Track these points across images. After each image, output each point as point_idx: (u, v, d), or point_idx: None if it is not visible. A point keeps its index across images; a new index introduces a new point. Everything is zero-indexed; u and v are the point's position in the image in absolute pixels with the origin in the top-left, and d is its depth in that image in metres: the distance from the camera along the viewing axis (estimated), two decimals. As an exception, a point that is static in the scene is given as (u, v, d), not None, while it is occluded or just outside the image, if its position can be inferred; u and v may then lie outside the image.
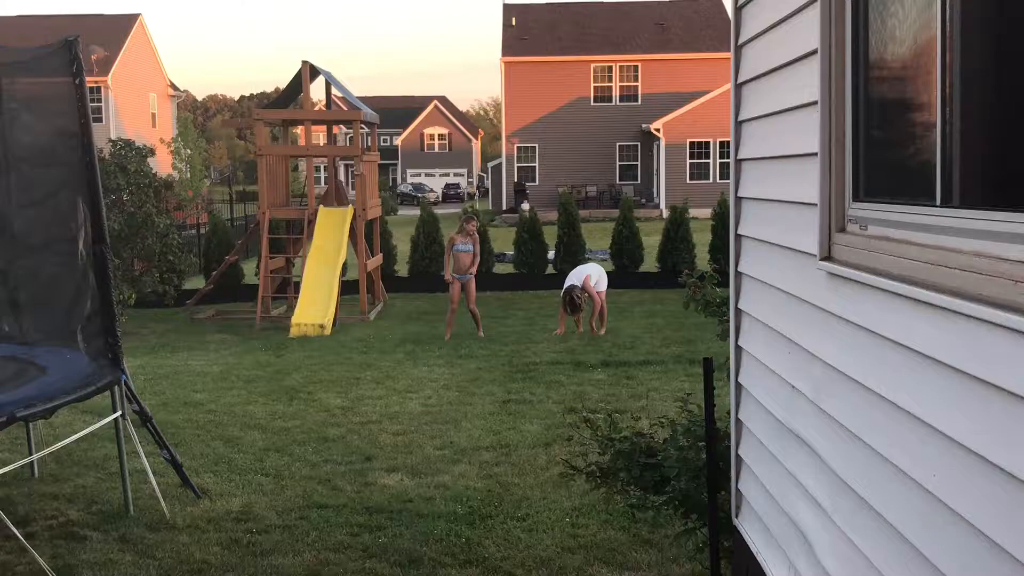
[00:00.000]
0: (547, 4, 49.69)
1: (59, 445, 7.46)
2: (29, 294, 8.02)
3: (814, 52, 3.39)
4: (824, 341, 3.44)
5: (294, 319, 16.35)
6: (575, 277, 15.08)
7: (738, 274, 4.79)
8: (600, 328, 14.97)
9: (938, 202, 2.56)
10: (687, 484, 5.37)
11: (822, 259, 3.35)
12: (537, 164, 45.97)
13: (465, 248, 14.98)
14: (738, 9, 4.65)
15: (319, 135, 27.56)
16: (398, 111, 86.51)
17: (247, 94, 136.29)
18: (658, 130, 41.97)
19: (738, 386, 4.84)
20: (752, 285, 4.58)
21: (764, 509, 4.37)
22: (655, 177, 44.15)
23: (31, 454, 7.80)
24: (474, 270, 15.22)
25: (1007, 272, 2.17)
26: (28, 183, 8.01)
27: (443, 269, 15.51)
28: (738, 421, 4.86)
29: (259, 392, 11.42)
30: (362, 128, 19.64)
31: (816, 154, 3.37)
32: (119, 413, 7.18)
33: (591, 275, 15.02)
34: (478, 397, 10.85)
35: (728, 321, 5.13)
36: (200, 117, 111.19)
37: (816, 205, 3.38)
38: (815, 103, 3.38)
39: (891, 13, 2.95)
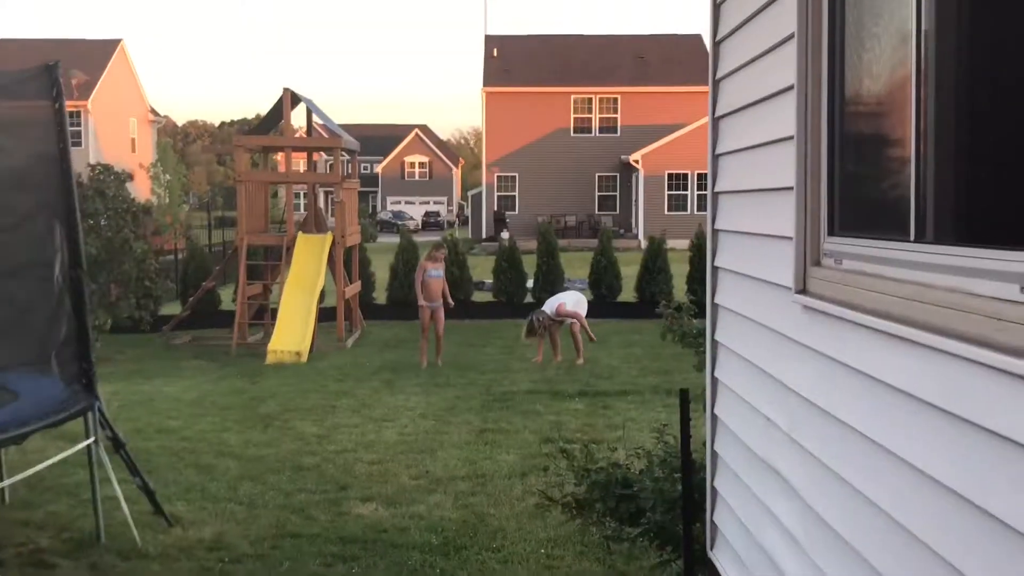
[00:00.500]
0: (528, 36, 50.02)
1: (31, 471, 7.37)
2: (3, 318, 7.94)
3: (790, 88, 3.42)
4: (799, 374, 3.46)
5: (270, 346, 16.28)
6: (549, 305, 15.17)
7: (714, 306, 4.81)
8: (578, 357, 14.97)
9: (912, 237, 2.59)
10: (663, 516, 5.37)
11: (797, 292, 3.37)
12: (517, 193, 46.09)
13: (437, 275, 15.01)
14: (716, 44, 4.69)
15: (299, 162, 27.52)
16: (379, 139, 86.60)
17: (228, 120, 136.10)
18: (637, 161, 42.19)
19: (714, 417, 4.85)
20: (728, 317, 4.60)
21: (739, 541, 4.37)
22: (634, 208, 44.34)
23: (2, 480, 7.71)
24: (451, 301, 15.38)
25: (980, 308, 2.19)
26: (5, 207, 7.95)
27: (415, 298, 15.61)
28: (714, 452, 4.86)
29: (234, 419, 11.34)
30: (343, 155, 19.67)
31: (792, 188, 3.40)
32: (92, 439, 7.11)
33: (566, 302, 15.08)
34: (455, 426, 10.81)
35: (705, 352, 5.14)
36: (180, 143, 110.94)
37: (792, 239, 3.40)
38: (791, 138, 3.41)
39: (867, 49, 2.99)
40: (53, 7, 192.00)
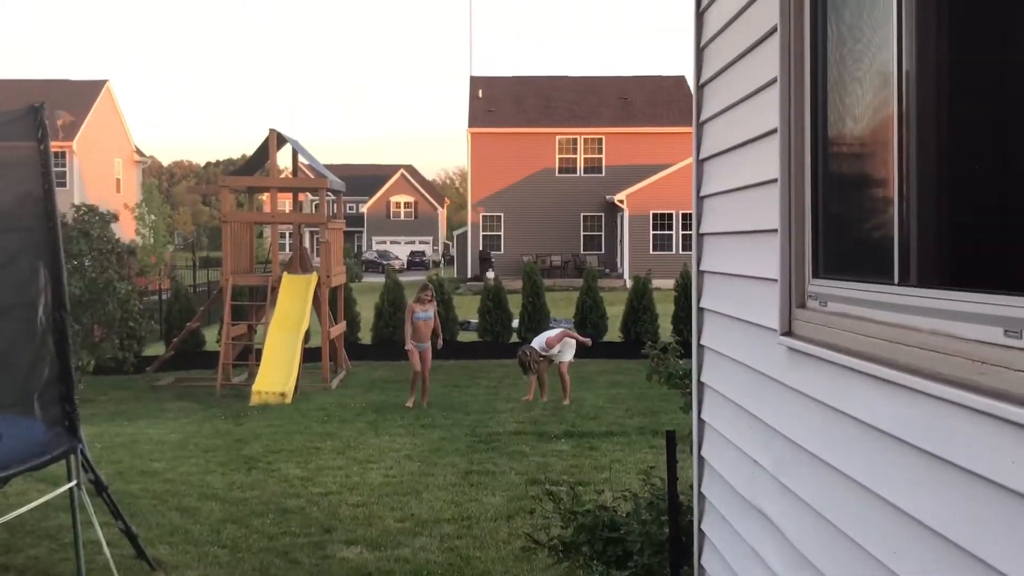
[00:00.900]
0: (514, 77, 50.38)
1: (12, 515, 7.30)
2: (-15, 360, 7.89)
3: (774, 131, 3.45)
4: (785, 416, 3.45)
5: (255, 387, 16.19)
6: (536, 341, 15.24)
7: (700, 347, 4.81)
8: (564, 397, 14.95)
9: (896, 280, 2.60)
10: (650, 559, 5.34)
11: (783, 334, 3.37)
12: (502, 233, 46.21)
13: (426, 316, 14.99)
14: (700, 87, 4.73)
15: (285, 202, 27.54)
16: (365, 179, 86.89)
17: (213, 160, 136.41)
18: (622, 201, 42.40)
19: (701, 459, 4.83)
20: (714, 358, 4.60)
21: (726, 585, 4.34)
22: (619, 247, 44.49)
23: (-18, 524, 7.62)
24: (439, 343, 15.42)
25: (964, 351, 2.20)
26: (-12, 248, 7.92)
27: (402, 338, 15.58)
28: (701, 495, 4.84)
29: (218, 461, 11.26)
30: (328, 196, 19.68)
31: (776, 230, 3.41)
32: (74, 482, 7.05)
33: (551, 337, 15.18)
34: (440, 468, 10.76)
35: (691, 393, 5.14)
36: (165, 183, 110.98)
37: (776, 281, 3.41)
38: (775, 180, 3.43)
39: (849, 92, 3.02)
40: (39, 48, 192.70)
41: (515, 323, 20.82)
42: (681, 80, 49.07)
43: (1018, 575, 1.95)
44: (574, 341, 15.48)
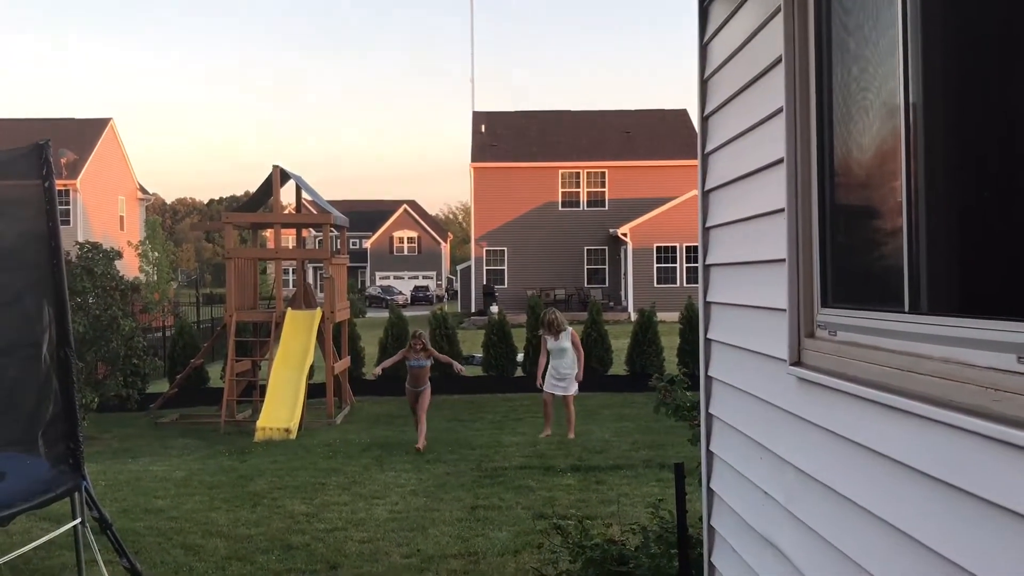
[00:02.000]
0: (516, 112, 50.68)
1: (16, 553, 7.25)
2: (-10, 398, 7.87)
3: (780, 161, 3.45)
4: (796, 447, 3.43)
5: (259, 423, 16.14)
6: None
7: (708, 378, 4.79)
8: (569, 431, 14.89)
9: (906, 308, 2.59)
10: (659, 593, 5.29)
11: (792, 364, 3.36)
12: (506, 267, 46.26)
13: (418, 364, 14.79)
14: (704, 119, 4.74)
15: (288, 238, 27.64)
16: (368, 214, 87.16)
17: (216, 197, 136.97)
18: (625, 234, 42.47)
19: (710, 492, 4.80)
20: (722, 389, 4.58)
21: (738, 618, 4.30)
22: (623, 280, 44.51)
23: (-14, 563, 7.57)
24: (457, 367, 15.29)
25: (976, 378, 2.19)
26: (-7, 285, 7.93)
27: (405, 374, 15.46)
28: (711, 528, 4.81)
29: (222, 498, 11.20)
30: (331, 231, 19.73)
31: (784, 260, 3.41)
32: (79, 520, 7.01)
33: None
34: (446, 503, 10.69)
35: (699, 425, 5.11)
36: (169, 220, 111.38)
37: (785, 311, 3.40)
38: (782, 210, 3.43)
39: (856, 121, 3.02)
40: (42, 88, 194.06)
41: (519, 357, 20.79)
42: (683, 113, 49.30)
43: (1037, 605, 1.93)
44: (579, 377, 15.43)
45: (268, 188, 19.81)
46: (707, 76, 4.68)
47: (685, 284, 40.88)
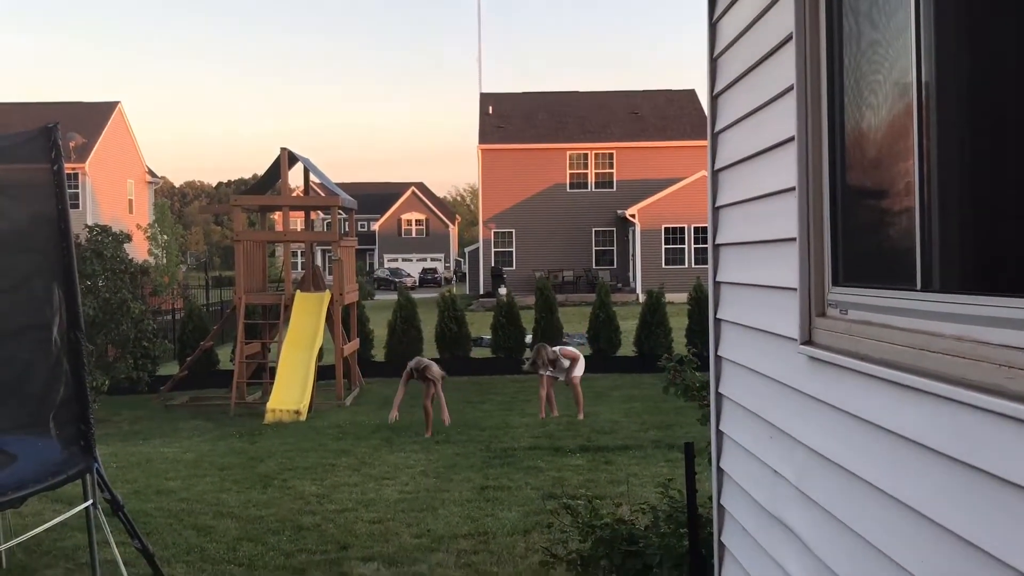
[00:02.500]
0: (524, 93, 50.50)
1: (28, 535, 7.29)
2: (1, 380, 7.90)
3: (791, 139, 3.43)
4: (806, 426, 3.42)
5: (269, 405, 16.19)
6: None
7: (718, 358, 4.78)
8: (579, 412, 14.91)
9: (918, 286, 2.57)
10: (670, 572, 5.30)
11: (803, 343, 3.35)
12: (514, 249, 46.22)
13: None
14: (714, 97, 4.71)
15: (297, 221, 27.63)
16: (376, 197, 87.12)
17: (225, 180, 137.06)
18: (633, 216, 42.38)
19: (720, 471, 4.80)
20: (732, 369, 4.57)
21: (748, 597, 4.30)
22: (631, 262, 44.45)
23: (-1, 545, 7.62)
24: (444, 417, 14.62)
25: (989, 356, 2.17)
26: (3, 269, 7.95)
27: (417, 354, 15.44)
28: (720, 507, 4.81)
29: (233, 479, 11.25)
30: (340, 214, 19.73)
31: (795, 239, 3.39)
32: (90, 502, 7.04)
33: (566, 351, 15.30)
34: (455, 483, 10.72)
35: (708, 405, 5.11)
36: (177, 203, 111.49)
37: (795, 290, 3.38)
38: (793, 189, 3.41)
39: (867, 98, 3.00)
40: (50, 71, 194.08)
41: (528, 339, 20.80)
42: (691, 93, 49.11)
43: (1051, 582, 1.92)
44: (583, 359, 15.50)
45: (276, 171, 19.80)
46: (717, 55, 4.65)
47: (693, 265, 40.81)
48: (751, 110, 4.04)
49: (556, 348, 15.47)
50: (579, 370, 15.20)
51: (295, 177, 21.80)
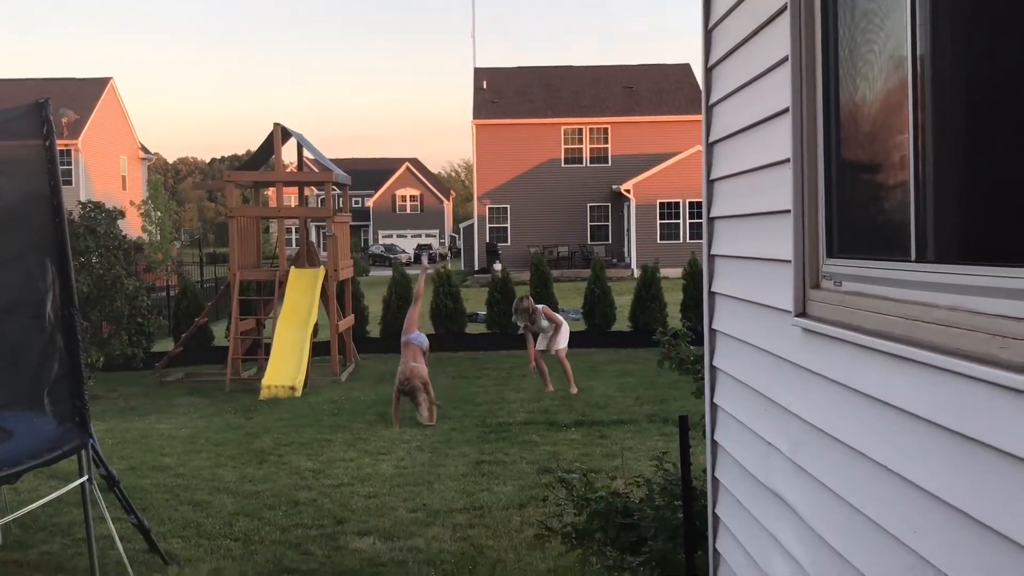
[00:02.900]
0: (518, 68, 50.32)
1: (24, 511, 7.31)
2: (-4, 357, 7.89)
3: (785, 111, 3.42)
4: (800, 398, 3.43)
5: (264, 381, 16.19)
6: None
7: (712, 331, 4.79)
8: (570, 386, 14.93)
9: (913, 257, 2.57)
10: (664, 544, 5.32)
11: (797, 315, 3.35)
12: (509, 225, 46.17)
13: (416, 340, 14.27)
14: (708, 70, 4.70)
15: (291, 197, 27.57)
16: (370, 172, 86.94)
17: (218, 156, 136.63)
18: (628, 191, 42.33)
19: (714, 444, 4.81)
20: (726, 342, 4.58)
21: (742, 569, 4.33)
22: (626, 237, 44.43)
23: (-5, 521, 7.63)
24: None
25: (984, 326, 2.18)
26: (-4, 245, 7.92)
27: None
28: (714, 479, 4.83)
29: (228, 455, 11.26)
30: (334, 190, 19.67)
31: (789, 211, 3.39)
32: (86, 478, 7.05)
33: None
34: (451, 458, 10.75)
35: (702, 379, 5.12)
36: (171, 180, 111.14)
37: (790, 262, 3.38)
38: (787, 160, 3.40)
39: (862, 69, 2.99)
40: (42, 47, 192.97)
41: (523, 314, 20.81)
42: (686, 68, 48.95)
43: (1043, 550, 1.93)
44: (567, 327, 15.42)
45: (269, 146, 19.72)
46: (711, 26, 4.63)
47: (688, 240, 40.82)
48: (746, 82, 4.03)
49: (540, 306, 15.41)
50: (563, 340, 15.15)
51: (289, 153, 21.70)
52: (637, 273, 23.35)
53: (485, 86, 48.03)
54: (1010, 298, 2.08)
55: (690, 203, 41.47)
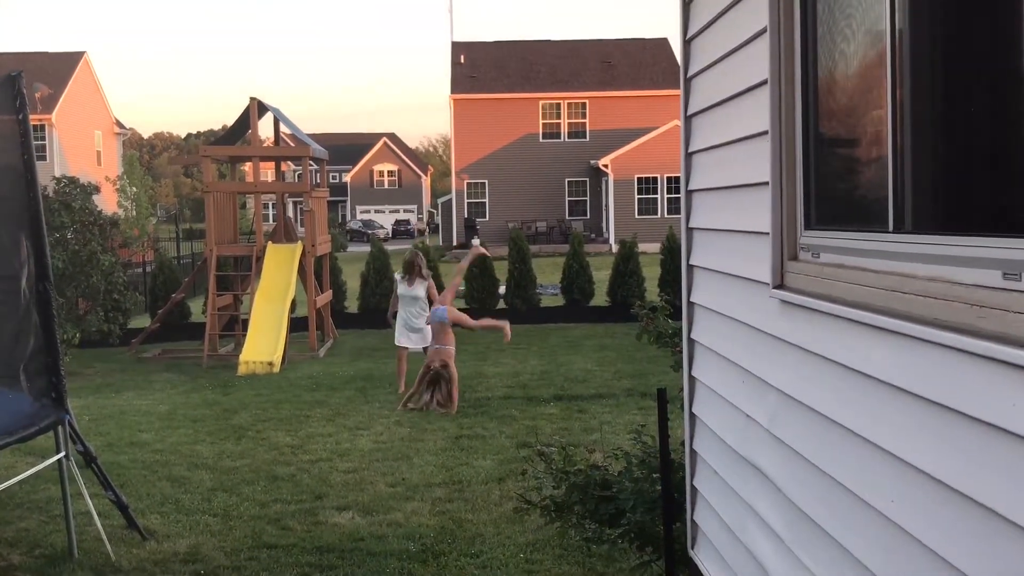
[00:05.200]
0: (495, 42, 50.11)
1: (0, 487, 7.26)
2: (-30, 333, 7.82)
3: (764, 83, 3.41)
4: (778, 369, 3.44)
5: (242, 357, 16.14)
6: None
7: (690, 304, 4.80)
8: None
9: (891, 228, 2.58)
10: (643, 516, 5.34)
11: (775, 287, 3.36)
12: (487, 200, 46.10)
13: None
14: (687, 42, 4.68)
15: (268, 172, 27.44)
16: (348, 148, 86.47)
17: (194, 132, 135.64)
18: (606, 166, 42.31)
19: (692, 416, 4.83)
20: (705, 315, 4.59)
21: (720, 540, 4.35)
22: (604, 212, 44.45)
23: (-29, 498, 7.59)
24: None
25: (962, 296, 2.18)
26: (-31, 220, 7.84)
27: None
28: (693, 451, 4.85)
29: (207, 431, 11.23)
30: (311, 164, 19.56)
31: (767, 183, 3.39)
32: (63, 454, 7.01)
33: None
34: (430, 433, 10.75)
35: (681, 352, 5.13)
36: (146, 155, 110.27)
37: (768, 234, 3.39)
38: (765, 133, 3.40)
39: (840, 42, 2.98)
40: (12, 21, 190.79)
41: (502, 289, 20.80)
42: (664, 42, 48.85)
43: (1019, 518, 1.94)
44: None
45: (246, 121, 19.56)
46: (690, -2, 4.61)
47: (666, 215, 40.86)
48: (724, 54, 4.02)
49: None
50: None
51: (265, 127, 21.55)
52: (615, 248, 23.36)
53: (463, 60, 47.82)
54: (987, 267, 2.09)
55: (668, 178, 41.49)
